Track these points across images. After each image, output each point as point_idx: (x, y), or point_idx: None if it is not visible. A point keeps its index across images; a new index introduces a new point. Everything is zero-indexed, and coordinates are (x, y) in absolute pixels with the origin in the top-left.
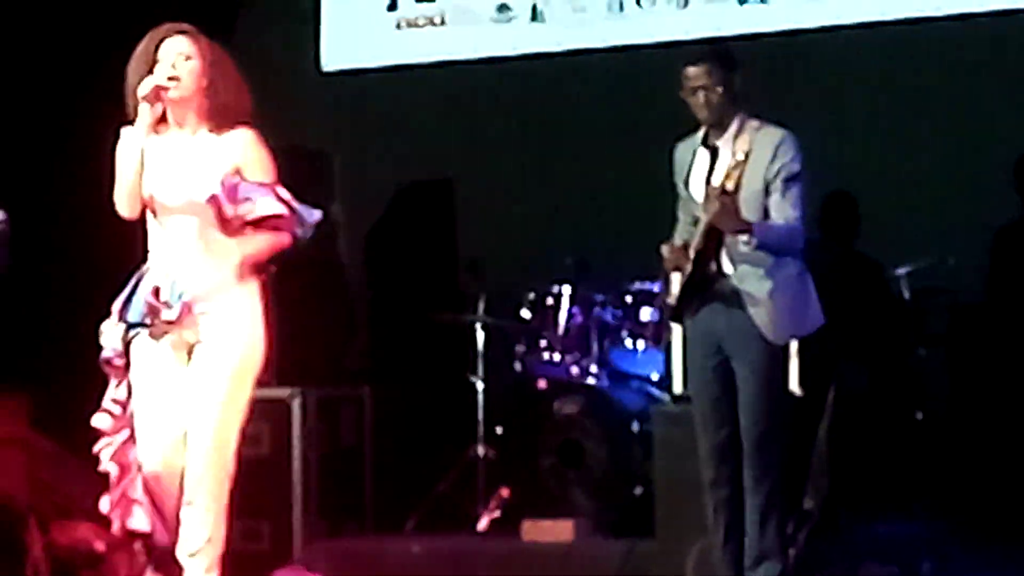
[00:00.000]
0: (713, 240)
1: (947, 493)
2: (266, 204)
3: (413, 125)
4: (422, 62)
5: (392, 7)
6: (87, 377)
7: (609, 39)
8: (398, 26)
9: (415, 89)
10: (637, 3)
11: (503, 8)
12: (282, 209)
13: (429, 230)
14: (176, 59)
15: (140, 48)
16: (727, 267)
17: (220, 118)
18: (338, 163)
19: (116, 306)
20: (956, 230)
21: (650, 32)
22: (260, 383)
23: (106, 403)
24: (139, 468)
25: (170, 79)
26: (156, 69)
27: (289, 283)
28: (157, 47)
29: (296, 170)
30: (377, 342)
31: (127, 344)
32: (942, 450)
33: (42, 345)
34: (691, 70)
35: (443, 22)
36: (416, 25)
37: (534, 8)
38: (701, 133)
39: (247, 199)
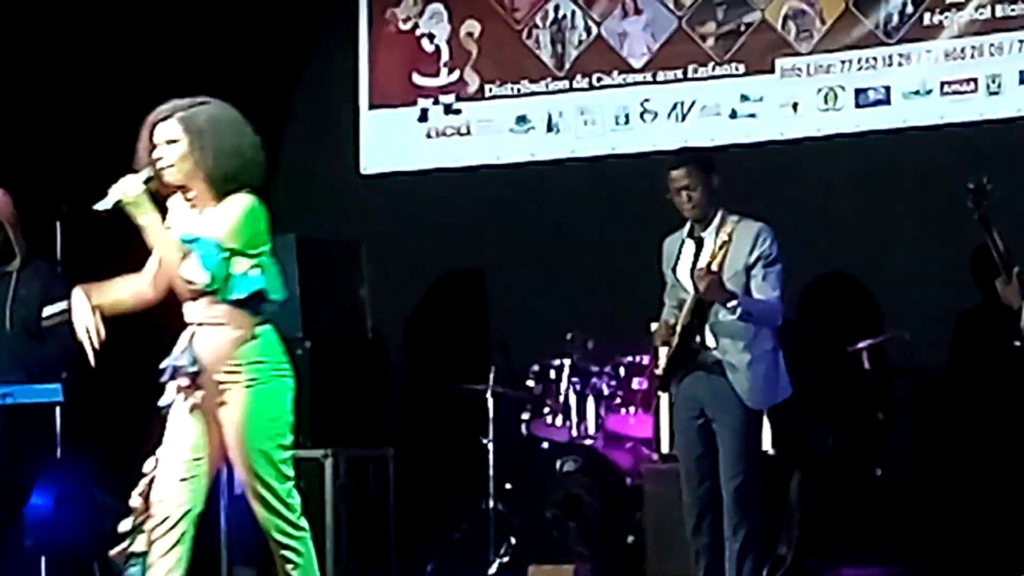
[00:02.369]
0: (698, 316)
1: (903, 541)
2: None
3: (440, 221)
4: (449, 167)
5: (423, 119)
6: (146, 439)
7: (616, 147)
8: (428, 135)
9: (443, 190)
10: (641, 117)
11: (522, 120)
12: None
13: (450, 312)
14: (162, 144)
15: (141, 136)
16: (710, 341)
17: (216, 187)
18: (366, 252)
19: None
20: (911, 311)
21: (652, 141)
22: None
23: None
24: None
25: (159, 165)
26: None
27: (324, 357)
28: (151, 133)
29: (331, 258)
30: (401, 408)
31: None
32: (898, 503)
33: (106, 410)
34: (674, 173)
35: (468, 132)
36: (444, 134)
37: (549, 120)
38: (687, 227)
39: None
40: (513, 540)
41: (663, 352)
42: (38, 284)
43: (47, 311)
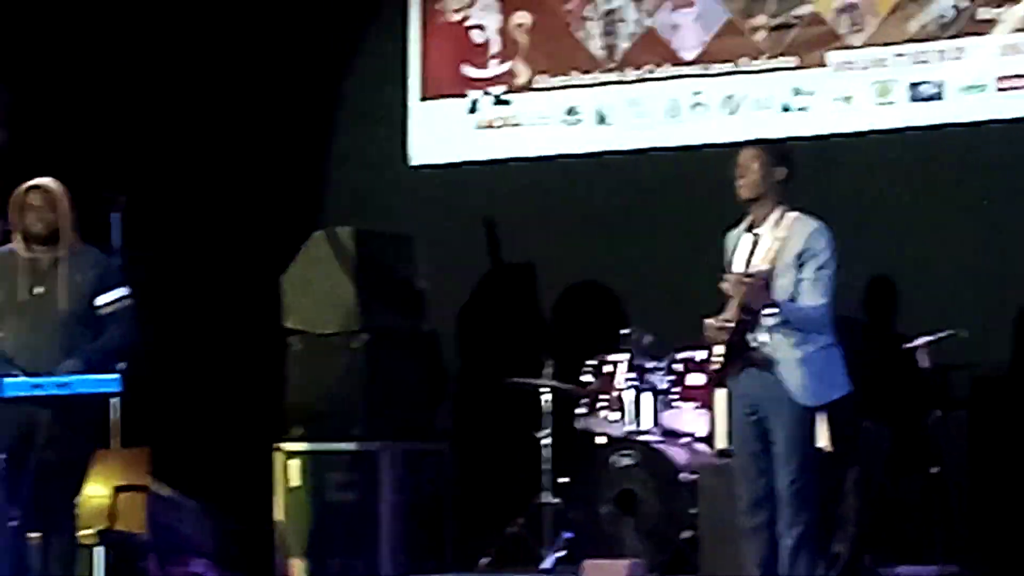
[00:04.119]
0: (749, 313)
1: (959, 539)
2: None
3: (489, 213)
4: (498, 158)
5: (472, 110)
6: (201, 431)
7: (666, 140)
8: (477, 127)
9: (492, 182)
10: (691, 109)
11: (571, 112)
12: None
13: (503, 306)
14: None
15: None
16: (763, 337)
17: None
18: (423, 245)
19: None
20: (967, 308)
21: (702, 134)
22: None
23: None
24: None
25: None
26: None
27: (383, 351)
28: None
29: (387, 251)
30: (456, 402)
31: None
32: (954, 501)
33: (163, 403)
34: (742, 152)
35: (517, 123)
36: (493, 126)
37: (599, 112)
38: (747, 220)
39: None
40: (568, 535)
41: (718, 349)
42: (91, 271)
43: (101, 299)
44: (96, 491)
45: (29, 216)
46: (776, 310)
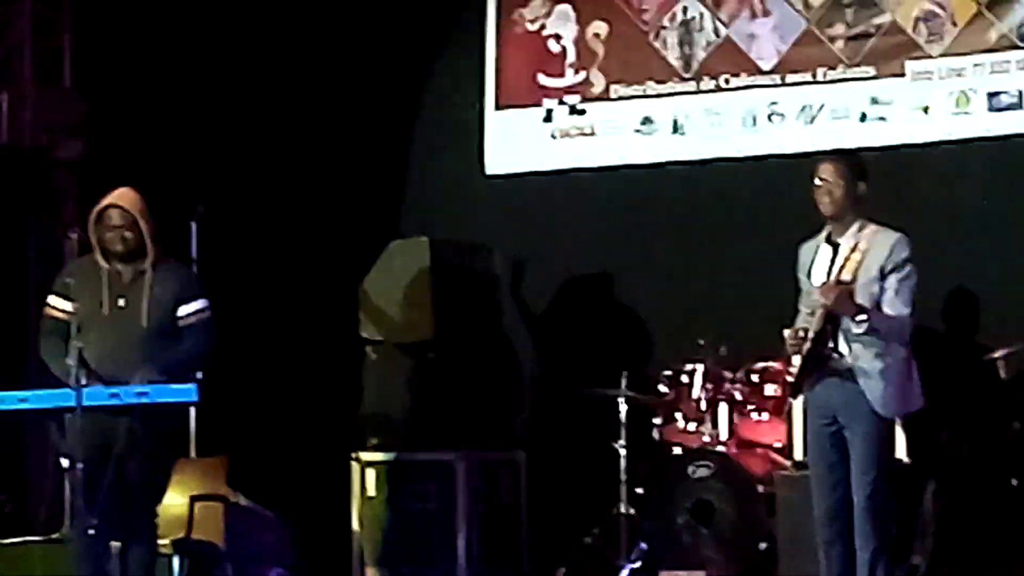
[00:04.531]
0: (831, 322)
1: None
2: None
3: (564, 223)
4: (573, 167)
5: (548, 119)
6: (278, 441)
7: (743, 150)
8: (553, 136)
9: (567, 192)
10: (768, 119)
11: (647, 121)
12: None
13: (578, 316)
14: None
15: None
16: (843, 347)
17: None
18: (500, 255)
19: None
20: None
21: (779, 144)
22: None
23: None
24: None
25: None
26: None
27: (457, 360)
28: None
29: (464, 261)
30: (532, 412)
31: None
32: None
33: (241, 413)
34: (821, 166)
35: (592, 132)
36: (568, 135)
37: (675, 121)
38: (825, 232)
39: None
40: (644, 545)
41: (795, 360)
42: (173, 284)
43: (182, 311)
44: (173, 500)
45: (108, 234)
46: (864, 316)
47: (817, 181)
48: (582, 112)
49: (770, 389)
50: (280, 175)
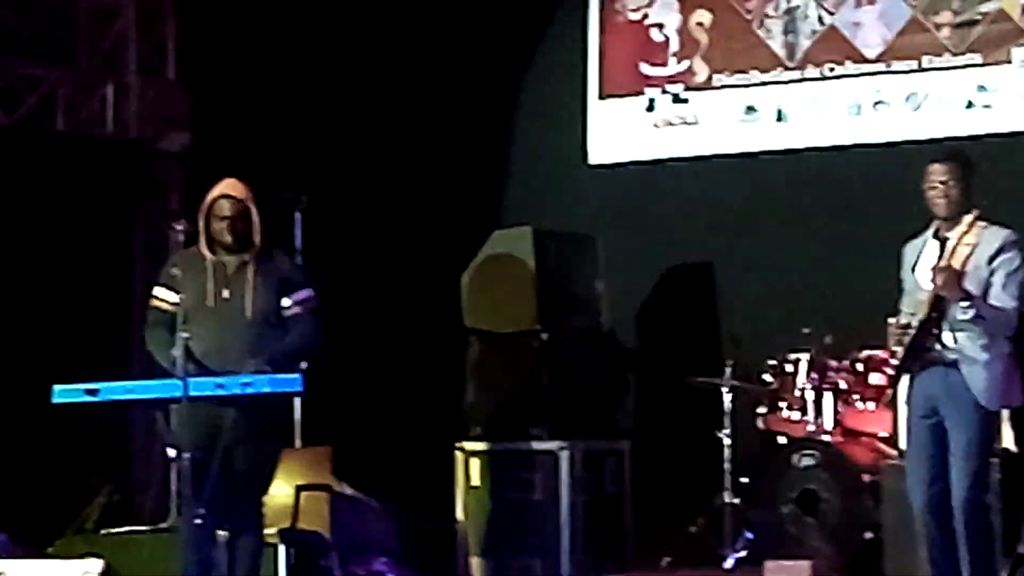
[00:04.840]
0: (937, 311)
1: None
2: None
3: (667, 212)
4: (676, 157)
5: (650, 108)
6: (382, 431)
7: (847, 138)
8: (655, 125)
9: (670, 181)
10: (873, 107)
11: (750, 110)
12: None
13: (681, 305)
14: None
15: None
16: (947, 337)
17: None
18: (602, 245)
19: None
20: None
21: (884, 132)
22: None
23: None
24: None
25: None
26: None
27: (563, 350)
28: None
29: (567, 251)
30: (638, 402)
31: None
32: None
33: (346, 403)
34: (934, 167)
35: (695, 122)
36: (671, 124)
37: (779, 110)
38: (932, 228)
39: None
40: (749, 535)
41: (899, 351)
42: (277, 274)
43: (287, 301)
44: (279, 490)
45: (218, 225)
46: (970, 303)
47: (931, 182)
48: (685, 101)
49: (875, 378)
50: (384, 165)
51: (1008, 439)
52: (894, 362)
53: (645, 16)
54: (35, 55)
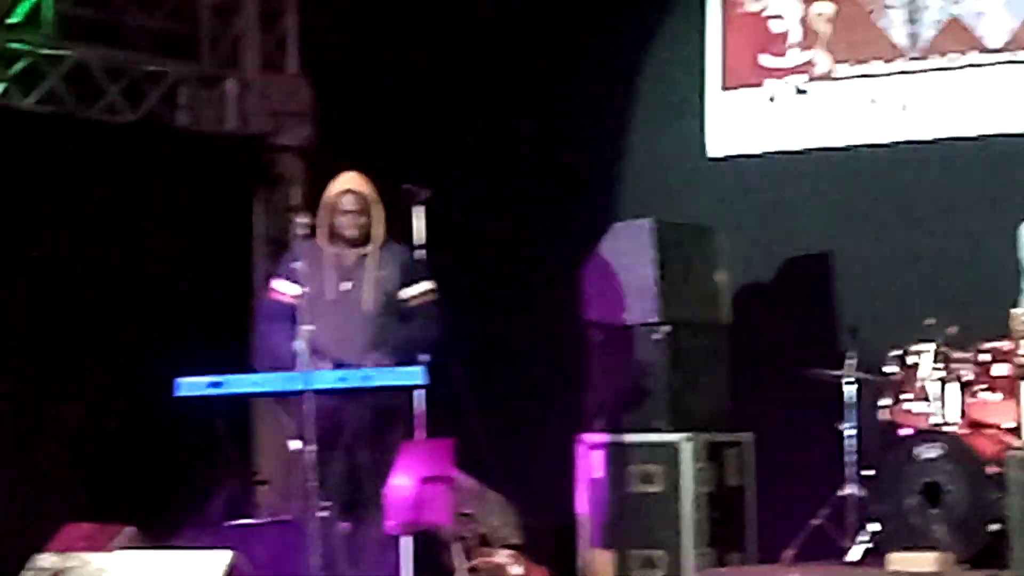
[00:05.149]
0: None
1: None
2: None
3: (788, 205)
4: (797, 149)
5: (770, 100)
6: (504, 423)
7: (970, 129)
8: (776, 117)
9: (791, 173)
10: (996, 97)
11: (872, 101)
12: None
13: (800, 296)
14: None
15: None
16: None
17: None
18: (723, 237)
19: None
20: None
21: (1009, 123)
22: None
23: None
24: None
25: None
26: None
27: (684, 342)
28: None
29: (688, 243)
30: (757, 393)
31: None
32: None
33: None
34: None
35: (817, 113)
36: (791, 116)
37: (901, 101)
38: None
39: None
40: (873, 527)
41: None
42: (396, 266)
43: (406, 293)
44: (402, 482)
45: (342, 219)
46: None
47: None
48: (805, 92)
49: (1000, 369)
50: (503, 157)
51: None
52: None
53: (764, 7)
54: (157, 51)
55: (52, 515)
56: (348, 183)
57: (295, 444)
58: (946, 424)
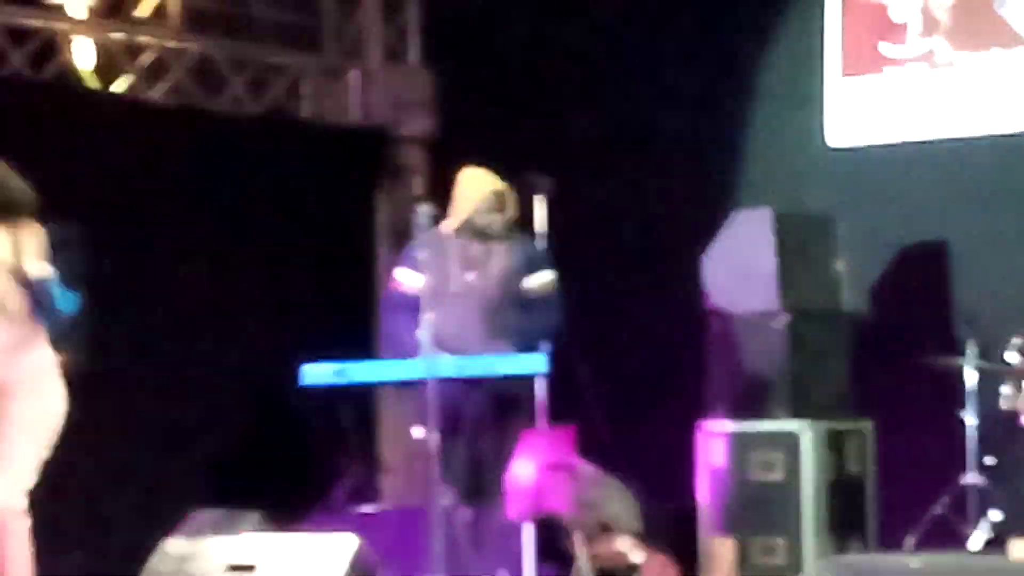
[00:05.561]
0: None
1: None
2: None
3: (907, 194)
4: (917, 139)
5: (890, 89)
6: (625, 410)
7: None
8: (895, 106)
9: (910, 162)
10: None
11: (992, 91)
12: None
13: (918, 285)
14: None
15: None
16: None
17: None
18: (842, 226)
19: None
20: None
21: None
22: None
23: None
24: None
25: None
26: None
27: (804, 331)
28: None
29: (806, 232)
30: (879, 382)
31: None
32: None
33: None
34: None
35: (937, 102)
36: (912, 105)
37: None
38: None
39: None
40: (994, 515)
41: None
42: (520, 256)
43: (528, 282)
44: (523, 469)
45: (469, 212)
46: None
47: None
48: (925, 81)
49: None
50: (623, 146)
51: None
52: None
53: None
54: (281, 43)
55: (181, 501)
56: (476, 177)
57: (418, 432)
58: None
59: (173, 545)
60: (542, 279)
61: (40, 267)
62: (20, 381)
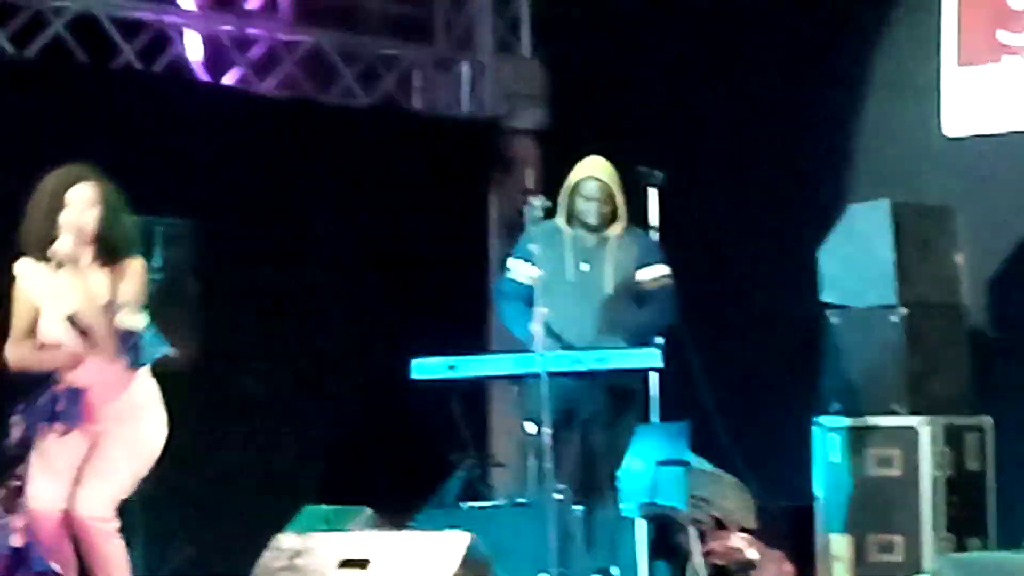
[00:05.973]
0: None
1: None
2: None
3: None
4: None
5: (1009, 77)
6: (740, 406)
7: None
8: (1014, 95)
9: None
10: None
11: None
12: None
13: None
14: (83, 206)
15: (47, 188)
16: None
17: (108, 255)
18: (961, 218)
19: None
20: None
21: None
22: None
23: None
24: None
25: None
26: (66, 213)
27: (922, 324)
28: (66, 190)
29: (925, 224)
30: (1000, 377)
31: None
32: None
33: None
34: None
35: None
36: None
37: None
38: None
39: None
40: None
41: None
42: (634, 249)
43: (642, 276)
44: (636, 465)
45: (584, 205)
46: None
47: None
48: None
49: None
50: (737, 138)
51: None
52: None
53: None
54: (392, 35)
55: (293, 496)
56: (592, 170)
57: (530, 426)
58: None
59: (285, 540)
60: (656, 273)
61: (132, 319)
62: (121, 412)
